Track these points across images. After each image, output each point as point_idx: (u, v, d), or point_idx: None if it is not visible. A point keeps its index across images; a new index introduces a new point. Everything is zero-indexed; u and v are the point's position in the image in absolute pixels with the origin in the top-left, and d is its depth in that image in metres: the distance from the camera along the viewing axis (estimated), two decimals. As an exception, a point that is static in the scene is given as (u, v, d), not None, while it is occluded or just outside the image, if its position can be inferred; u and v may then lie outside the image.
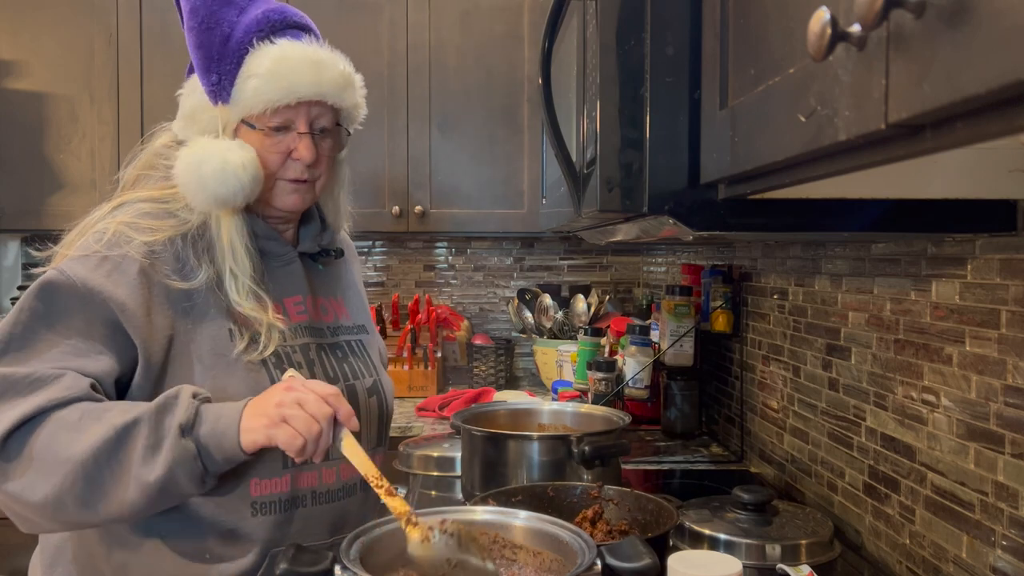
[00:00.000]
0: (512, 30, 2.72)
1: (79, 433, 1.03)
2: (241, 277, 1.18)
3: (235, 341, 1.17)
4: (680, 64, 1.03)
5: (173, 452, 1.03)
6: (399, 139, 2.72)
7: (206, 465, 1.05)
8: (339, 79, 1.21)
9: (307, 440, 1.04)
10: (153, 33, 2.67)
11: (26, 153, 2.68)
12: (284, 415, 1.04)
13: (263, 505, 1.16)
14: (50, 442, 1.04)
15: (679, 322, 2.16)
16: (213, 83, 1.17)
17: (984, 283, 1.10)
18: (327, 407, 1.06)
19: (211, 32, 1.16)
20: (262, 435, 1.04)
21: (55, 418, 1.04)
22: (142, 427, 1.04)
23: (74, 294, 1.10)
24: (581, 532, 1.00)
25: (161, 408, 1.06)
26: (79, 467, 1.02)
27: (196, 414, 1.05)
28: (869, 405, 1.42)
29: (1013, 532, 1.04)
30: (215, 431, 1.05)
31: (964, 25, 0.44)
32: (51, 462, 1.03)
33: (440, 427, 2.32)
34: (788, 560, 1.21)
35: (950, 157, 0.72)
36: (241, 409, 1.07)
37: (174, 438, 1.03)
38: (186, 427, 1.04)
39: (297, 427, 1.04)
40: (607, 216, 1.17)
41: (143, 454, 1.03)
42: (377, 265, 3.16)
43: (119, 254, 1.13)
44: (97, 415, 1.05)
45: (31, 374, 1.06)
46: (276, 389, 1.08)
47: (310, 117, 1.20)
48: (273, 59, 1.16)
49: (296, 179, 1.22)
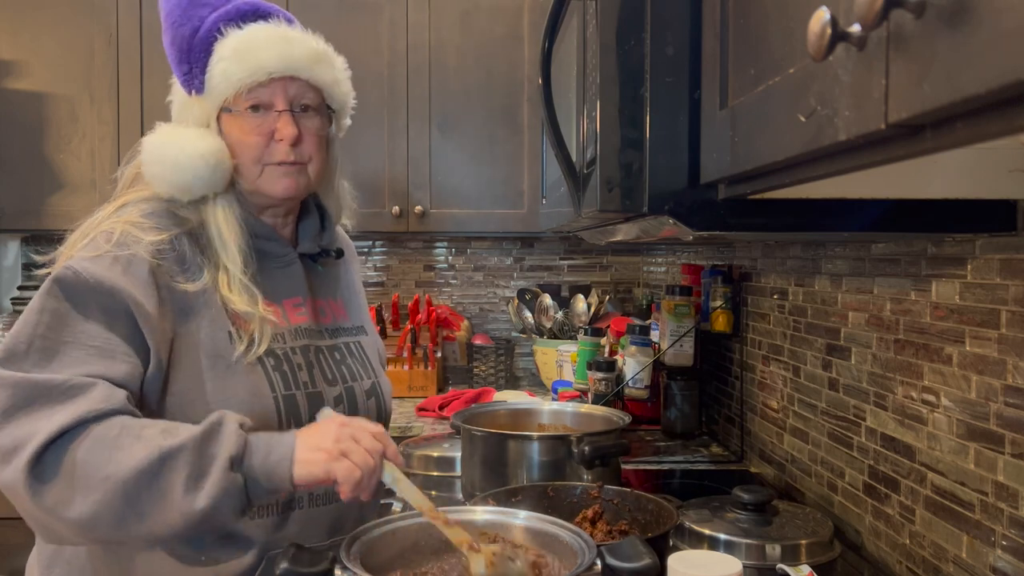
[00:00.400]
0: (512, 30, 2.72)
1: (120, 451, 1.00)
2: (233, 271, 1.17)
3: (235, 344, 1.16)
4: (680, 64, 1.03)
5: (221, 484, 1.00)
6: (399, 139, 2.72)
7: (251, 497, 1.03)
8: (310, 54, 1.20)
9: (363, 475, 1.03)
10: (153, 33, 2.66)
11: (26, 153, 2.68)
12: (343, 449, 1.03)
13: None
14: (89, 458, 1.00)
15: (679, 322, 2.16)
16: (185, 73, 1.18)
17: (984, 283, 1.10)
18: (379, 444, 1.06)
19: (182, 27, 1.17)
20: (321, 469, 1.02)
21: (94, 433, 1.01)
22: (186, 454, 1.00)
23: (92, 293, 1.08)
24: (581, 532, 1.00)
25: (206, 436, 1.02)
26: (120, 487, 0.99)
27: (245, 445, 1.03)
28: (869, 405, 1.42)
29: (1013, 532, 1.04)
30: (266, 464, 1.03)
31: (964, 25, 0.44)
32: (91, 479, 0.99)
33: (440, 427, 2.32)
34: (788, 560, 1.21)
35: (950, 157, 0.72)
36: (293, 443, 1.04)
37: (222, 470, 1.00)
38: (236, 459, 1.01)
39: (356, 461, 1.03)
40: (607, 216, 1.17)
41: (186, 483, 1.00)
42: (377, 265, 3.16)
43: (129, 254, 1.12)
44: (137, 433, 1.01)
45: (65, 382, 1.02)
46: (328, 425, 1.07)
47: (288, 95, 1.19)
48: (239, 39, 1.16)
49: (283, 161, 1.20)
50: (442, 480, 1.74)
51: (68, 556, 1.19)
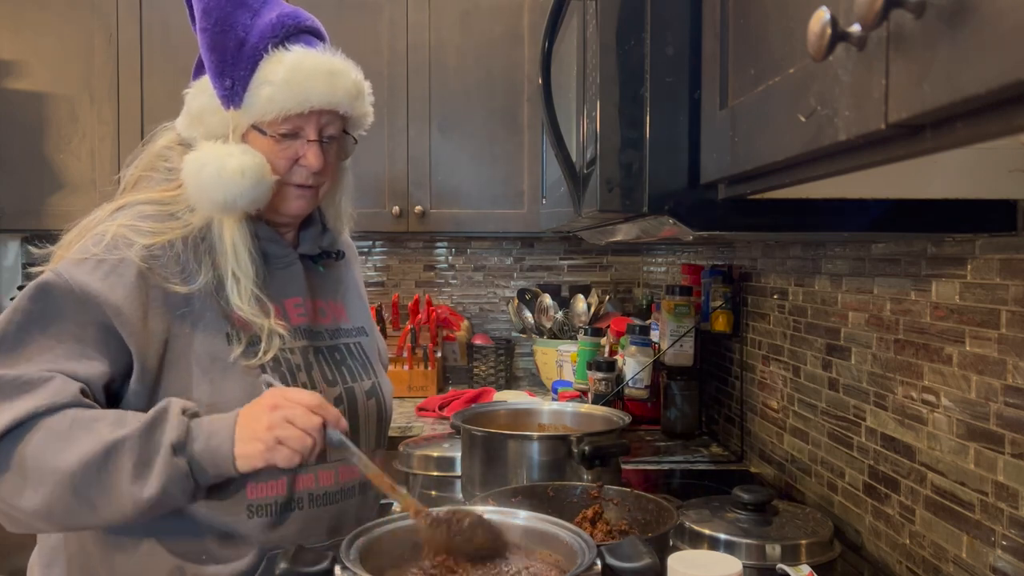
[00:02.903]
0: (512, 30, 2.72)
1: (68, 443, 1.04)
2: (244, 281, 1.18)
3: (232, 345, 1.16)
4: (680, 64, 1.03)
5: (165, 470, 1.04)
6: (399, 139, 2.72)
7: (198, 480, 1.07)
8: (352, 89, 1.21)
9: (303, 455, 1.07)
10: (153, 33, 2.67)
11: (26, 153, 2.68)
12: (278, 436, 1.05)
13: (259, 507, 1.16)
14: (39, 452, 1.04)
15: (679, 322, 2.16)
16: (226, 88, 1.16)
17: (984, 283, 1.10)
18: (316, 418, 1.07)
19: (225, 35, 1.15)
20: (259, 460, 1.06)
21: (45, 425, 1.04)
22: (130, 443, 1.04)
23: (69, 297, 1.10)
24: (581, 532, 1.00)
25: (151, 425, 1.05)
26: (67, 479, 1.03)
27: (187, 431, 1.06)
28: (869, 405, 1.42)
29: (1013, 532, 1.04)
30: (207, 448, 1.06)
31: (964, 25, 0.44)
32: (40, 472, 1.03)
33: (440, 427, 2.32)
34: (788, 560, 1.21)
35: (950, 157, 0.72)
36: (232, 426, 1.07)
37: (166, 456, 1.04)
38: (178, 445, 1.05)
39: (293, 447, 1.05)
40: (607, 216, 1.17)
41: (133, 472, 1.03)
42: (377, 265, 3.16)
43: (117, 257, 1.12)
44: (87, 425, 1.05)
45: (19, 376, 1.06)
46: (262, 408, 1.08)
47: (319, 125, 1.20)
48: (288, 68, 1.16)
49: (301, 184, 1.22)
50: (442, 480, 1.74)
51: (68, 555, 1.19)
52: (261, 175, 1.16)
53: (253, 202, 1.17)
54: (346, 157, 1.31)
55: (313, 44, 1.21)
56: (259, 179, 1.16)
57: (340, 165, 1.31)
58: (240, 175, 1.14)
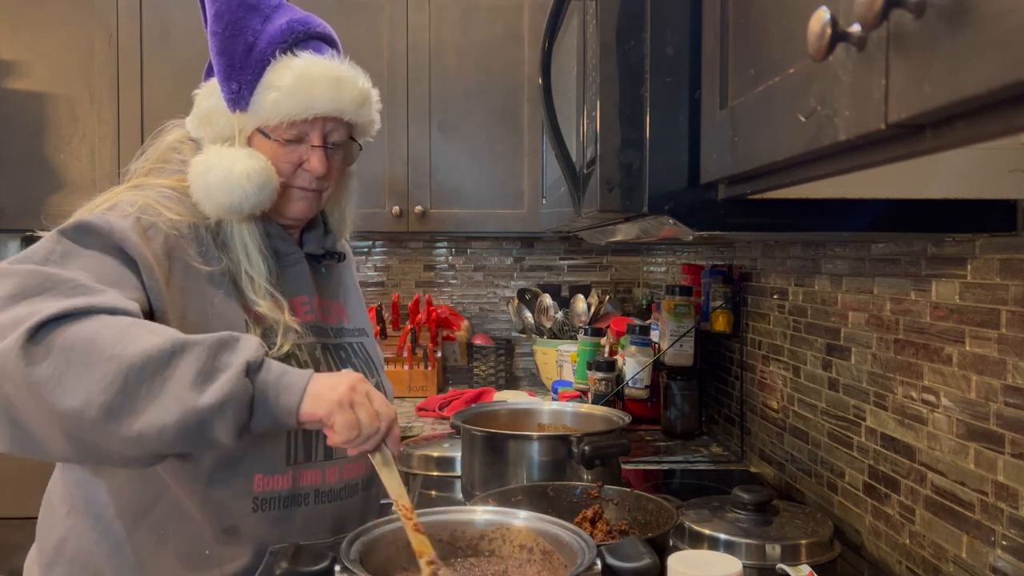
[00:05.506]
0: (512, 30, 2.72)
1: (127, 337, 0.95)
2: (257, 279, 1.19)
3: (250, 333, 1.16)
4: (680, 64, 1.03)
5: (230, 386, 0.94)
6: (399, 139, 2.72)
7: (254, 414, 0.97)
8: (358, 96, 1.22)
9: (361, 434, 1.00)
10: (153, 33, 2.67)
11: (26, 153, 2.68)
12: (353, 400, 1.00)
13: (264, 501, 1.16)
14: (94, 338, 0.94)
15: (679, 322, 2.16)
16: (233, 91, 1.17)
17: (984, 283, 1.10)
18: (391, 412, 1.04)
19: (235, 39, 1.16)
20: (325, 409, 0.99)
21: (103, 318, 0.96)
22: (200, 351, 0.96)
23: (110, 238, 1.08)
24: (581, 532, 1.00)
25: (222, 342, 0.98)
26: (122, 369, 0.92)
27: (263, 359, 1.00)
28: (869, 405, 1.42)
29: (1013, 532, 1.04)
30: (279, 383, 0.99)
31: (964, 25, 0.44)
32: (91, 359, 0.93)
33: (440, 427, 2.32)
34: (788, 560, 1.21)
35: (950, 157, 0.72)
36: (309, 375, 1.01)
37: (236, 371, 0.95)
38: (253, 366, 0.97)
39: (360, 416, 1.00)
40: (607, 216, 1.17)
41: (194, 378, 0.94)
42: (377, 265, 3.16)
43: (150, 221, 1.13)
44: (148, 327, 0.98)
45: (75, 279, 0.99)
46: (351, 375, 1.03)
47: (324, 131, 1.21)
48: (295, 74, 1.16)
49: (305, 188, 1.23)
50: (442, 480, 1.74)
51: (70, 555, 1.19)
52: (266, 179, 1.17)
53: (258, 205, 1.18)
54: (351, 163, 1.32)
55: (323, 50, 1.21)
56: (264, 183, 1.17)
57: (345, 171, 1.32)
58: (246, 179, 1.15)
